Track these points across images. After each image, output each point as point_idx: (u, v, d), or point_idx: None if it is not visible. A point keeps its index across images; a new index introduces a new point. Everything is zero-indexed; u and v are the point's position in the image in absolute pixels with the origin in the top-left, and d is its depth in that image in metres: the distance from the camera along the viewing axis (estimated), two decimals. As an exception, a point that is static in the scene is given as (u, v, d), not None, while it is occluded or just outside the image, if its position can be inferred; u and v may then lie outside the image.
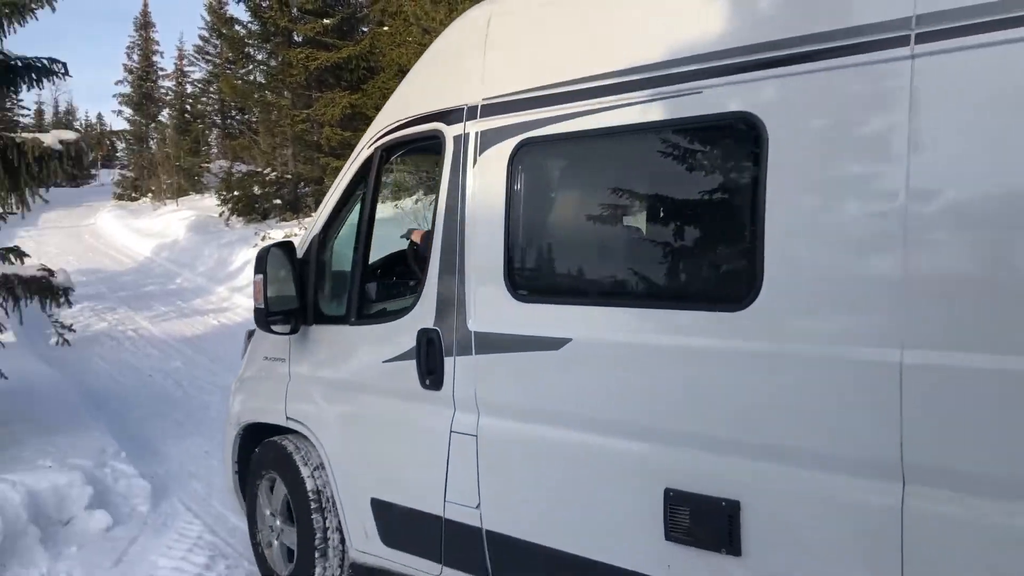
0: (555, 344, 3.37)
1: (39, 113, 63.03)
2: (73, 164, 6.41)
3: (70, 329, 7.91)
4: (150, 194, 36.46)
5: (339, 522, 4.41)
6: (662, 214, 3.37)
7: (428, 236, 3.99)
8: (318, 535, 4.42)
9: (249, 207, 22.88)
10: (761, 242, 2.78)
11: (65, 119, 66.33)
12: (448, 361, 3.78)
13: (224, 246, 20.21)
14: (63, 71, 6.63)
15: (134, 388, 9.81)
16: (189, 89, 40.31)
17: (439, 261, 3.84)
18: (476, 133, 3.75)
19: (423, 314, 3.87)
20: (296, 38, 23.95)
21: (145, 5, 47.41)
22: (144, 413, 8.86)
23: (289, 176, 23.46)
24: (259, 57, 25.28)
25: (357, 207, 4.43)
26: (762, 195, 2.78)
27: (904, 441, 2.48)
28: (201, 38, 35.57)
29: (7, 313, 7.04)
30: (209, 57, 36.00)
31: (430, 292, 3.86)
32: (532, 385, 3.50)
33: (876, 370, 2.54)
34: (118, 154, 46.63)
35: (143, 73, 43.27)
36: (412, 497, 4.01)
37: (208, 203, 27.43)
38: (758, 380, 2.82)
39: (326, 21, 23.17)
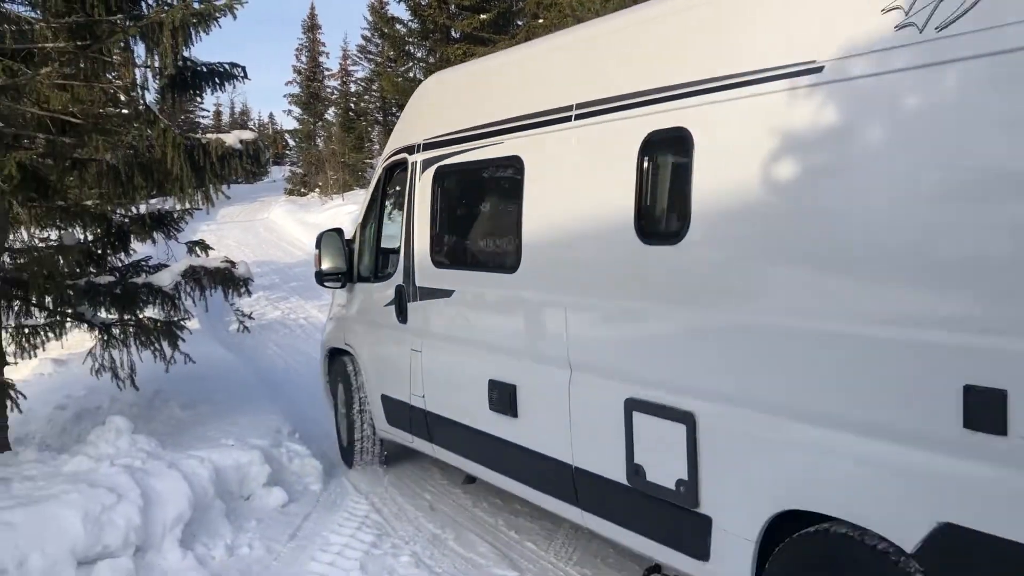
0: (448, 294, 5.58)
1: (217, 114, 67.16)
2: (251, 162, 6.78)
3: (250, 317, 8.40)
4: (317, 189, 38.11)
5: (371, 412, 6.73)
6: (498, 215, 5.56)
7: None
8: (358, 420, 6.80)
9: (409, 200, 23.58)
10: (521, 232, 4.79)
11: (240, 119, 70.34)
12: (409, 305, 5.97)
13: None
14: (242, 74, 6.99)
15: (305, 372, 10.31)
16: (353, 88, 41.88)
17: (404, 244, 6.05)
18: (419, 161, 5.96)
19: (398, 276, 6.11)
20: (454, 34, 24.50)
21: (312, 8, 49.71)
22: (314, 396, 9.31)
23: (447, 169, 24.00)
24: (418, 54, 26.04)
25: (377, 207, 6.71)
26: (521, 204, 4.83)
27: (569, 350, 4.46)
28: (364, 38, 36.83)
29: (194, 302, 7.55)
30: (371, 56, 37.26)
31: (401, 263, 6.07)
32: (439, 319, 5.70)
33: (551, 308, 4.64)
34: (288, 151, 49.05)
35: (310, 73, 45.30)
36: (397, 392, 6.23)
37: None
38: (526, 314, 4.93)
39: (483, 16, 23.57)
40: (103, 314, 7.24)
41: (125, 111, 6.83)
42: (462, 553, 5.29)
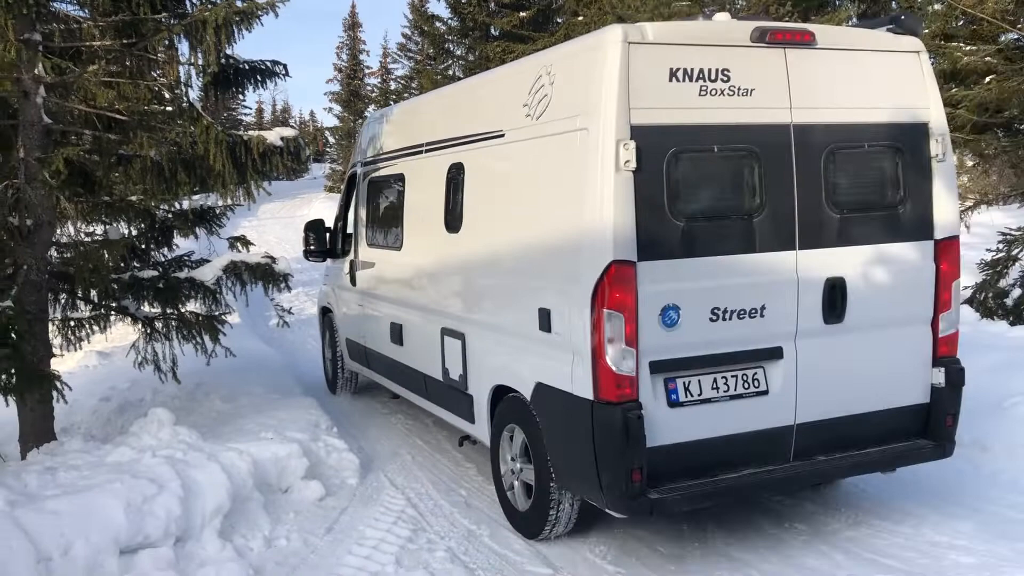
0: (372, 264, 8.02)
1: (259, 112, 67.85)
2: (292, 159, 6.85)
3: (289, 312, 8.57)
4: (357, 186, 38.24)
5: (342, 351, 9.16)
6: (395, 211, 7.56)
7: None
8: (338, 359, 9.36)
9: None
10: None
11: (282, 117, 71.03)
12: (356, 273, 8.43)
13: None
14: (284, 72, 7.07)
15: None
16: (393, 86, 42.08)
17: (354, 231, 8.62)
18: (360, 173, 8.53)
19: (351, 253, 8.61)
20: (493, 32, 24.50)
21: (353, 7, 49.99)
22: (351, 391, 9.39)
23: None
24: (458, 52, 26.07)
25: (343, 204, 9.06)
26: (404, 205, 7.33)
27: (420, 300, 6.82)
28: (404, 36, 36.93)
29: (235, 297, 7.65)
30: (411, 54, 37.39)
31: (352, 244, 8.60)
32: (370, 282, 8.10)
33: (415, 273, 7.03)
34: (328, 149, 49.40)
35: (351, 71, 45.57)
36: (353, 336, 8.71)
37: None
38: (406, 278, 7.20)
39: (522, 14, 23.55)
40: (146, 308, 7.36)
41: (169, 108, 6.93)
42: (497, 549, 5.29)
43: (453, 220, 6.21)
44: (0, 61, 5.78)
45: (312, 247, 8.94)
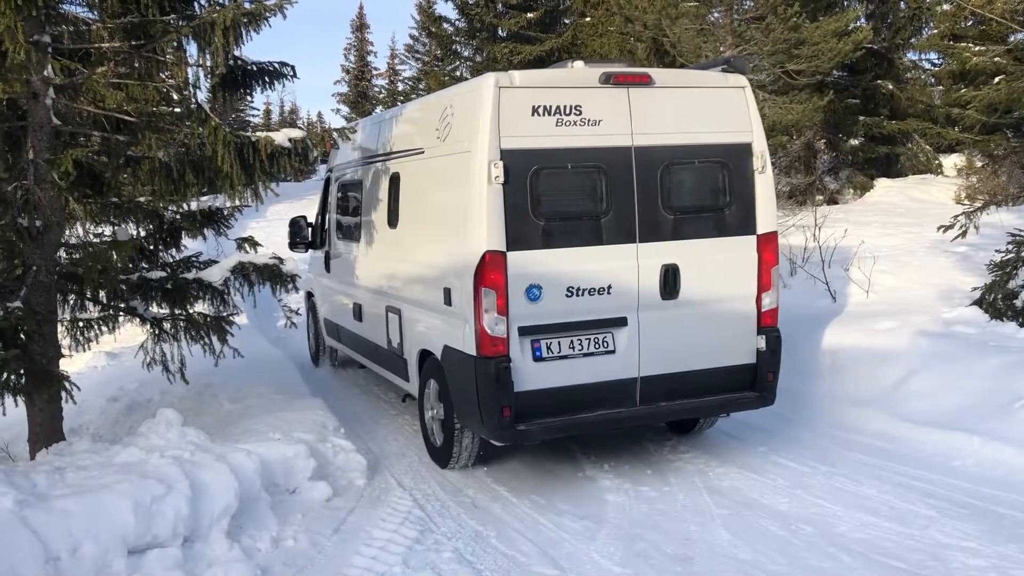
0: (340, 255, 9.47)
1: (267, 113, 67.87)
2: (300, 160, 6.85)
3: (296, 313, 8.70)
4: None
5: (322, 328, 10.65)
6: (354, 209, 9.01)
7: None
8: (319, 335, 10.86)
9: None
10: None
11: (290, 118, 71.04)
12: (331, 262, 9.80)
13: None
14: (291, 73, 7.06)
15: (351, 369, 10.42)
16: (400, 87, 42.16)
17: (328, 225, 10.02)
18: (333, 177, 10.02)
19: (327, 245, 9.99)
20: (501, 33, 24.50)
21: (361, 8, 50.08)
22: (359, 392, 9.41)
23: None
24: (465, 53, 26.08)
25: (321, 202, 10.50)
26: (361, 204, 8.71)
27: (372, 283, 8.33)
28: (411, 37, 36.99)
29: (243, 297, 7.66)
30: (418, 55, 37.44)
31: (327, 237, 10.01)
32: (340, 269, 9.42)
33: (369, 261, 8.49)
34: (336, 150, 49.37)
35: (359, 73, 45.73)
36: (329, 316, 10.11)
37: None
38: (362, 265, 8.64)
39: (530, 15, 23.56)
40: (154, 309, 7.38)
41: (177, 109, 6.95)
42: (504, 551, 5.29)
43: (393, 218, 7.62)
44: (10, 63, 5.80)
45: (296, 240, 10.25)
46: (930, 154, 17.62)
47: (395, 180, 7.56)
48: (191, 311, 7.35)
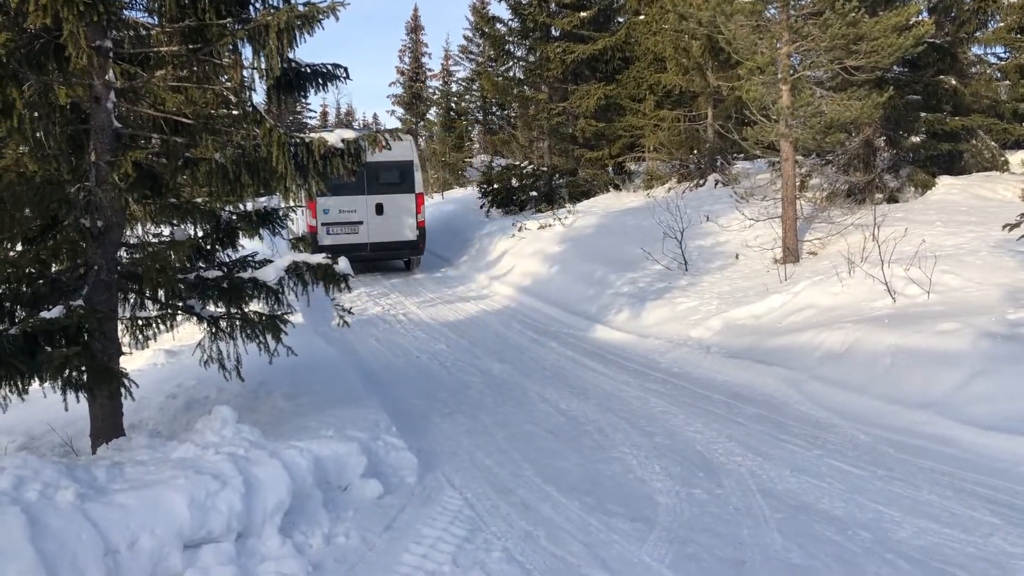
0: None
1: (323, 115, 68.77)
2: (352, 160, 6.91)
3: (350, 312, 8.73)
4: (417, 187, 38.64)
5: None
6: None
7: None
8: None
9: (507, 199, 23.59)
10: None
11: (346, 119, 71.87)
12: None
13: (484, 236, 21.04)
14: (344, 75, 7.13)
15: (403, 367, 10.49)
16: (454, 88, 42.35)
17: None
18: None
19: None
20: (554, 32, 24.43)
21: (415, 10, 50.38)
22: (412, 391, 9.46)
23: (544, 168, 24.01)
24: (518, 53, 26.05)
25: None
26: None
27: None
28: (465, 38, 37.27)
29: (296, 296, 7.74)
30: (472, 56, 37.62)
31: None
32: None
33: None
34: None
35: (413, 74, 45.99)
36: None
37: (469, 195, 28.65)
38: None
39: (583, 14, 23.44)
40: (211, 307, 7.51)
41: (235, 112, 7.05)
42: (553, 551, 5.27)
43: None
44: (73, 67, 5.95)
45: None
46: (995, 151, 17.11)
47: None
48: (246, 310, 7.46)
